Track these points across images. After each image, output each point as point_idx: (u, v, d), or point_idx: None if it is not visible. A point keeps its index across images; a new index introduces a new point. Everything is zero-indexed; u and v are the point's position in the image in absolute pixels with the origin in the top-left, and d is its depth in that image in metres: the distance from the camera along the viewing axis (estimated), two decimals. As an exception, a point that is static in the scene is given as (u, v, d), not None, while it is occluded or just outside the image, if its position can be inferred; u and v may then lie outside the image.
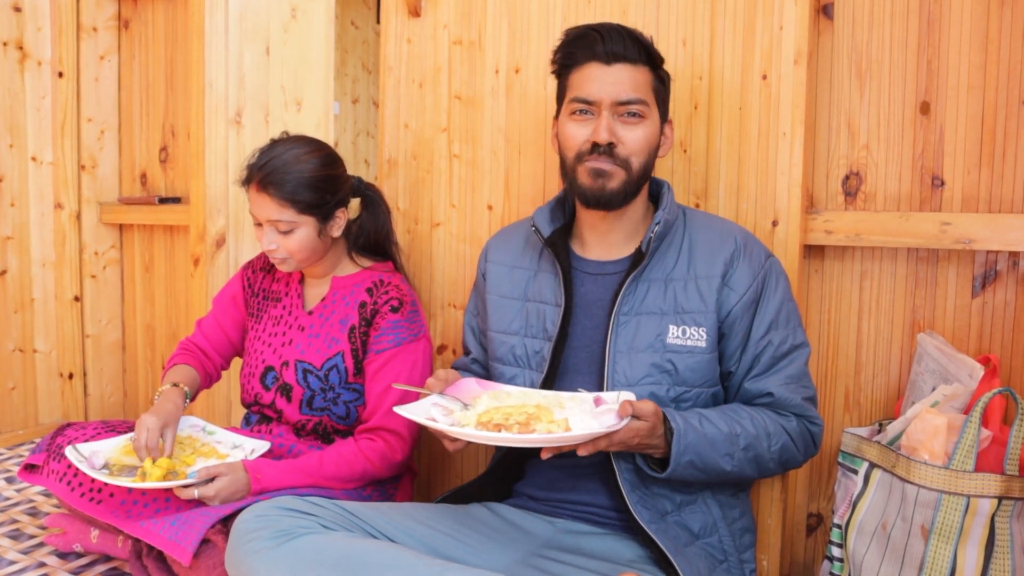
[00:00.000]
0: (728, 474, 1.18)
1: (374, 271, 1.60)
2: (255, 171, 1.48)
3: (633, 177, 1.25)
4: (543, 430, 1.06)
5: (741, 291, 1.24)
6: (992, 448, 1.17)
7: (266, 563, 1.08)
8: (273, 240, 1.50)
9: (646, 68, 1.25)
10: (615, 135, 1.23)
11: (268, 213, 1.48)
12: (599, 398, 1.16)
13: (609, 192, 1.24)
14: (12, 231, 2.48)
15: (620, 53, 1.23)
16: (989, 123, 1.37)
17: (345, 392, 1.56)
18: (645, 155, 1.25)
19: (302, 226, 1.49)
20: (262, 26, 2.27)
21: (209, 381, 1.73)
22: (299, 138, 1.55)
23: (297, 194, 1.46)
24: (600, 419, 1.11)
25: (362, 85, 5.06)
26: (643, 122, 1.24)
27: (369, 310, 1.54)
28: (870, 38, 1.45)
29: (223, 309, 1.73)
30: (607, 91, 1.23)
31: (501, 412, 1.12)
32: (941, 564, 1.15)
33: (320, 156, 1.52)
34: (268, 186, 1.46)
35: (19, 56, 2.46)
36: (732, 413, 1.20)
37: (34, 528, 1.83)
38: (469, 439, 1.08)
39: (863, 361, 1.50)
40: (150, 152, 2.60)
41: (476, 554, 1.18)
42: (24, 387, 2.55)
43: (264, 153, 1.50)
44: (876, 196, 1.46)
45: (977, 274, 1.40)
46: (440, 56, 1.78)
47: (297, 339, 1.60)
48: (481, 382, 1.26)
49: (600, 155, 1.23)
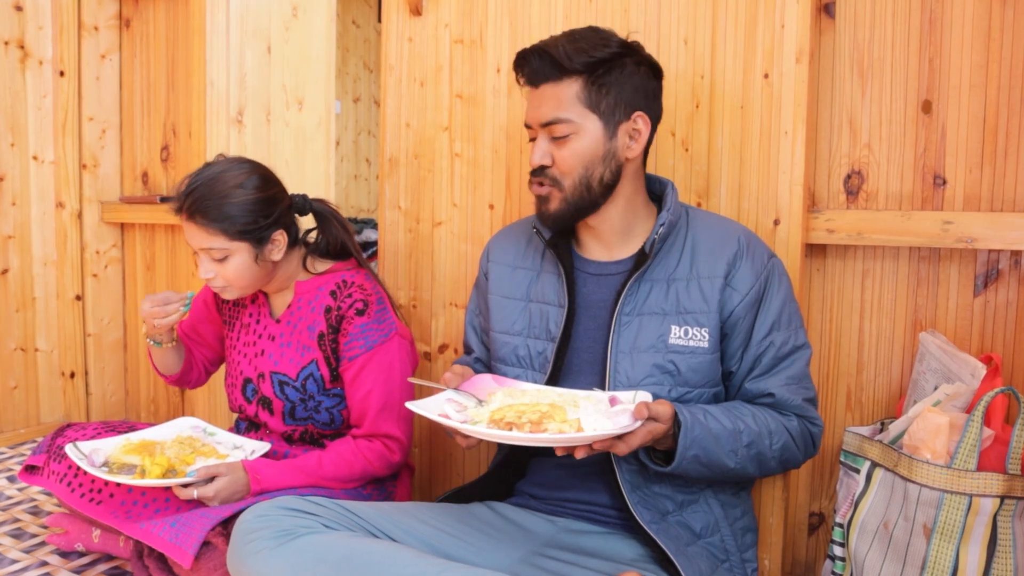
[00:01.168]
0: (730, 471, 1.18)
1: (336, 272, 1.56)
2: (183, 198, 1.42)
3: (569, 195, 1.24)
4: (555, 429, 1.05)
5: (744, 291, 1.24)
6: (994, 447, 1.17)
7: (268, 563, 1.08)
8: (209, 268, 1.45)
9: (571, 80, 1.21)
10: (548, 156, 1.24)
11: (199, 242, 1.43)
12: (614, 398, 1.15)
13: (552, 214, 1.26)
14: (13, 230, 2.49)
15: (540, 74, 1.23)
16: (991, 122, 1.37)
17: (326, 399, 1.54)
18: (580, 169, 1.23)
19: (236, 253, 1.44)
20: (263, 25, 2.27)
21: (194, 366, 1.73)
22: (232, 160, 1.49)
23: (226, 220, 1.41)
24: (614, 419, 1.10)
25: (363, 84, 5.06)
26: (571, 138, 1.22)
27: (335, 316, 1.50)
28: (872, 37, 1.45)
29: (196, 310, 1.72)
30: (534, 114, 1.25)
31: (514, 410, 1.11)
32: (943, 563, 1.15)
33: (252, 178, 1.45)
34: (195, 214, 1.41)
35: (20, 55, 2.46)
36: (735, 410, 1.20)
37: (36, 527, 1.83)
38: (481, 437, 1.07)
39: (865, 360, 1.50)
40: (151, 151, 2.60)
41: (478, 553, 1.18)
42: (26, 386, 2.55)
43: (192, 179, 1.44)
44: (878, 195, 1.46)
45: (979, 273, 1.40)
46: (441, 55, 1.78)
47: (268, 349, 1.57)
48: (498, 378, 1.25)
49: (534, 177, 1.26)
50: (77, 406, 2.65)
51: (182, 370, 1.68)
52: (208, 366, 1.77)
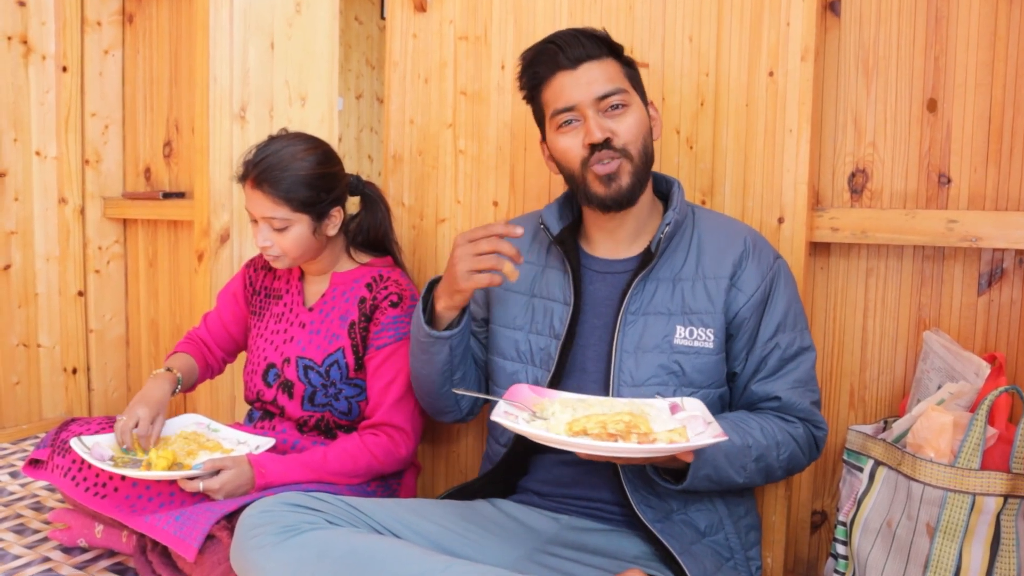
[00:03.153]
0: (738, 485, 1.18)
1: (373, 267, 1.60)
2: (251, 168, 1.48)
3: (638, 165, 1.24)
4: (664, 439, 1.02)
5: (749, 292, 1.23)
6: (998, 446, 1.17)
7: (271, 558, 1.08)
8: (268, 237, 1.50)
9: (611, 59, 1.25)
10: (607, 130, 1.22)
11: (263, 210, 1.48)
12: (675, 405, 1.12)
13: (626, 191, 1.23)
14: (16, 226, 2.48)
15: (582, 54, 1.23)
16: (996, 120, 1.36)
17: (347, 388, 1.56)
18: (641, 140, 1.24)
19: (296, 224, 1.49)
20: (266, 21, 2.27)
21: (210, 372, 1.75)
22: (297, 135, 1.55)
23: (292, 192, 1.46)
24: (691, 427, 1.07)
25: (366, 81, 5.06)
26: (628, 110, 1.23)
27: (368, 305, 1.54)
28: (877, 35, 1.44)
29: (225, 304, 1.75)
30: (583, 92, 1.22)
31: (594, 420, 1.07)
32: (946, 562, 1.15)
33: (316, 154, 1.51)
34: (263, 183, 1.46)
35: (23, 50, 2.45)
36: (742, 424, 1.18)
37: (38, 523, 1.83)
38: (592, 452, 1.02)
39: (868, 359, 1.50)
40: (154, 147, 2.60)
41: (481, 550, 1.18)
42: (28, 382, 2.55)
43: (260, 150, 1.50)
44: (882, 193, 1.46)
45: (983, 272, 1.40)
46: (446, 51, 1.78)
47: (298, 336, 1.60)
48: (535, 388, 1.21)
49: (600, 153, 1.22)
50: (79, 402, 2.65)
51: (199, 380, 1.72)
52: (227, 357, 1.79)
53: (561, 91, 1.24)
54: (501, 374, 1.35)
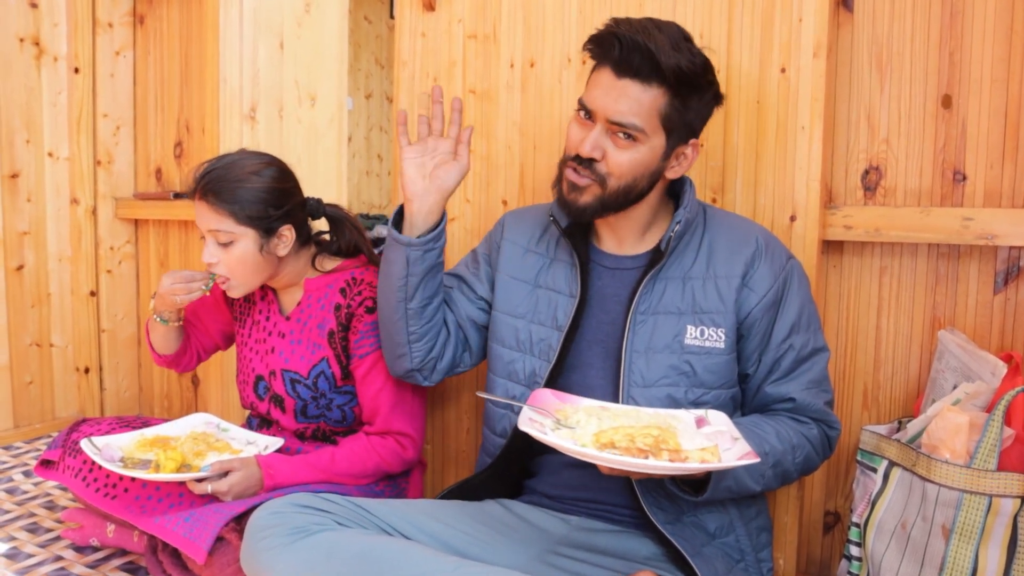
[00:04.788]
0: (755, 491, 1.17)
1: (345, 270, 1.56)
2: (198, 181, 1.45)
3: (608, 195, 1.20)
4: (696, 459, 1.01)
5: (761, 293, 1.22)
6: (1015, 447, 1.16)
7: (281, 559, 1.08)
8: (214, 253, 1.45)
9: (659, 88, 1.15)
10: (600, 150, 1.18)
11: (207, 223, 1.44)
12: (701, 419, 1.12)
13: (581, 207, 1.21)
14: (29, 226, 2.50)
15: (631, 68, 1.14)
16: (1013, 117, 1.34)
17: (337, 396, 1.54)
18: (630, 177, 1.19)
19: (242, 239, 1.44)
20: (276, 21, 2.27)
21: (187, 339, 1.72)
22: (251, 152, 1.52)
23: (236, 204, 1.42)
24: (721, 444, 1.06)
25: (375, 80, 5.06)
26: (635, 146, 1.17)
27: (344, 313, 1.50)
28: (891, 30, 1.43)
29: (207, 310, 1.72)
30: (605, 105, 1.16)
31: (622, 432, 1.05)
32: (962, 564, 1.14)
33: (267, 169, 1.47)
34: (208, 194, 1.43)
35: (35, 52, 2.47)
36: (757, 430, 1.16)
37: (51, 522, 1.84)
38: (624, 468, 1.01)
39: (882, 358, 1.48)
40: (165, 147, 2.61)
41: (491, 551, 1.18)
42: (41, 381, 2.56)
43: (210, 164, 1.46)
44: (896, 191, 1.44)
45: (999, 270, 1.38)
46: (455, 50, 1.77)
47: (279, 346, 1.57)
48: (558, 394, 1.20)
49: (578, 165, 1.20)
50: (91, 401, 2.67)
51: (177, 352, 1.68)
52: (201, 352, 1.76)
53: (596, 87, 1.19)
54: (499, 362, 1.34)
